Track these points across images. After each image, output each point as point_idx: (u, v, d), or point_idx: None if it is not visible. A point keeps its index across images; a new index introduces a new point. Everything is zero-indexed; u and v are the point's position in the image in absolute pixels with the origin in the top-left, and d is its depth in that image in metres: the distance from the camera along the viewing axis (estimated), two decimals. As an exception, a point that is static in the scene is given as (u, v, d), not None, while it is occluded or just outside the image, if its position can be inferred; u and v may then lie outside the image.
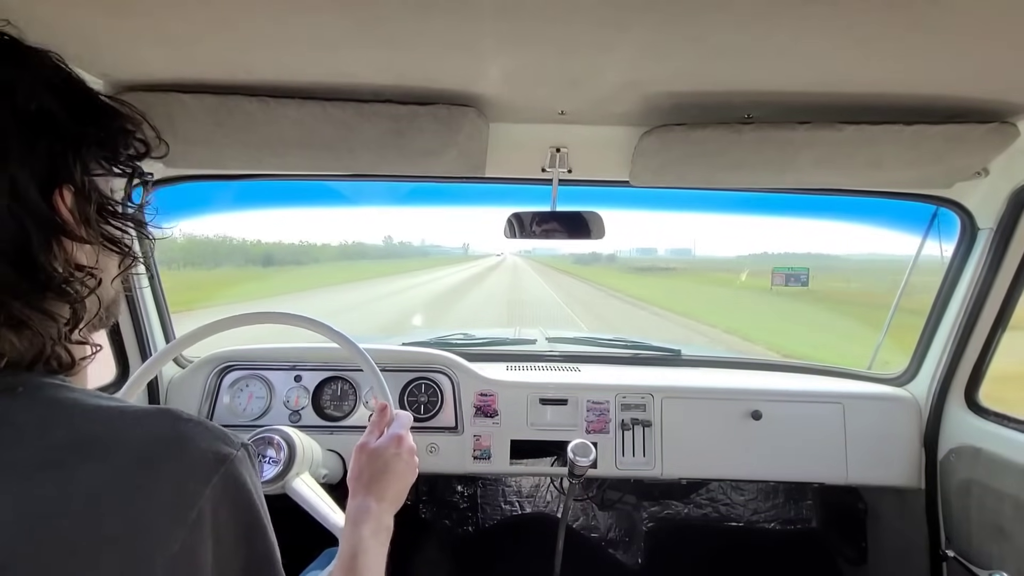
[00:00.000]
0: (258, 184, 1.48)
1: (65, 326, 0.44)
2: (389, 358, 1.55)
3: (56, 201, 0.43)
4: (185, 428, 0.43)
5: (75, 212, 0.44)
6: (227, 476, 0.43)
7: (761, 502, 2.04)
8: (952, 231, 1.41)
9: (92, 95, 0.47)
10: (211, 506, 0.41)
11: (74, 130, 0.44)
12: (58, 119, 0.43)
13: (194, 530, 0.40)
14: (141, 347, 1.45)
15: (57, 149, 0.43)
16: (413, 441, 0.85)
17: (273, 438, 1.07)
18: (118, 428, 0.42)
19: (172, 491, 0.40)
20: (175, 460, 0.41)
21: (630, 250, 70.89)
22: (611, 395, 1.53)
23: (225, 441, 0.45)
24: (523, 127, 1.20)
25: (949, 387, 1.44)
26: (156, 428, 0.43)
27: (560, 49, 0.84)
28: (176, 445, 0.42)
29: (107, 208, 0.48)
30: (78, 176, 0.44)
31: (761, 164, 1.17)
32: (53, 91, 0.43)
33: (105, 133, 0.47)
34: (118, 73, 0.95)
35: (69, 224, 0.44)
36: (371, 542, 0.69)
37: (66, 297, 0.44)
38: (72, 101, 0.45)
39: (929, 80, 0.92)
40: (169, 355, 1.11)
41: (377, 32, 0.79)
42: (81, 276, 0.45)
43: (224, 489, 0.43)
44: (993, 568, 1.25)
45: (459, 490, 2.10)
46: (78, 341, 0.47)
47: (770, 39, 0.79)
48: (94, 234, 0.46)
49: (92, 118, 0.46)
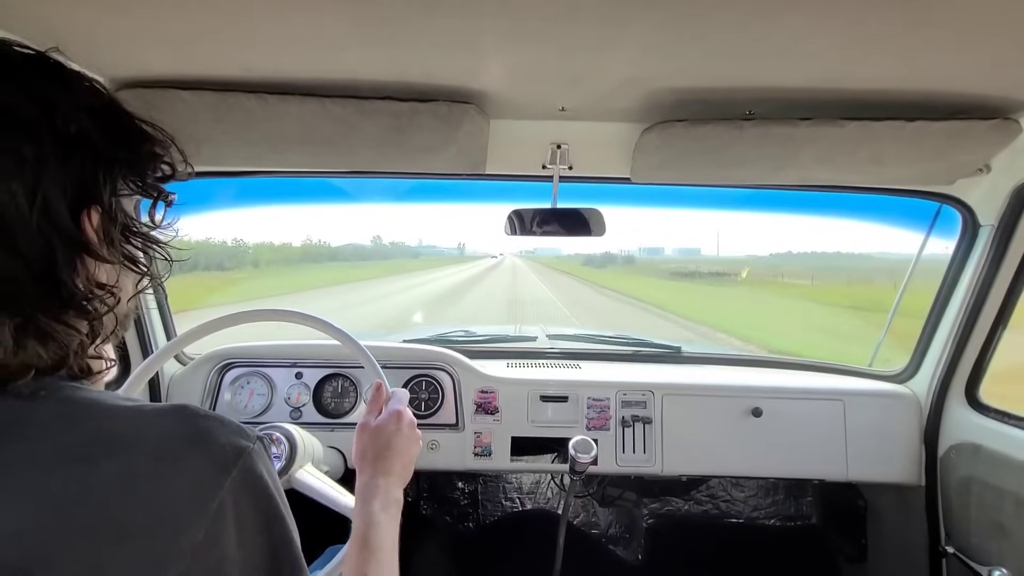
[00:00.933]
0: (257, 181, 1.48)
1: (85, 339, 0.46)
2: (390, 355, 1.55)
3: (83, 221, 0.44)
4: (203, 424, 0.45)
5: (100, 232, 0.46)
6: (245, 468, 0.45)
7: (761, 499, 2.04)
8: (953, 228, 1.40)
9: (127, 119, 0.49)
10: (232, 497, 0.43)
11: (108, 153, 0.46)
12: (94, 142, 0.44)
13: (216, 520, 0.41)
14: (142, 344, 1.46)
15: (89, 170, 0.44)
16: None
17: (274, 434, 1.07)
18: (138, 425, 0.43)
19: (193, 483, 0.42)
20: (195, 454, 0.43)
21: (668, 250, 67.62)
22: (612, 392, 1.53)
23: (242, 435, 0.46)
24: (524, 123, 1.20)
25: (950, 384, 1.44)
26: (175, 424, 0.44)
27: (561, 46, 0.84)
28: (195, 440, 0.44)
29: (131, 228, 0.49)
30: (106, 197, 0.45)
31: (762, 160, 1.17)
32: (92, 115, 0.45)
33: (136, 156, 0.49)
34: (118, 70, 0.95)
35: (93, 244, 0.45)
36: (382, 516, 0.72)
37: (86, 314, 0.45)
38: (109, 125, 0.46)
39: (931, 76, 0.91)
40: (170, 352, 1.11)
41: (377, 29, 0.79)
42: (101, 294, 0.46)
43: (243, 481, 0.44)
44: (993, 564, 1.25)
45: (460, 487, 2.11)
46: (94, 356, 0.48)
47: (772, 36, 0.78)
48: (116, 254, 0.48)
49: (125, 141, 0.48)
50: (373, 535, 0.69)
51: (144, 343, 1.46)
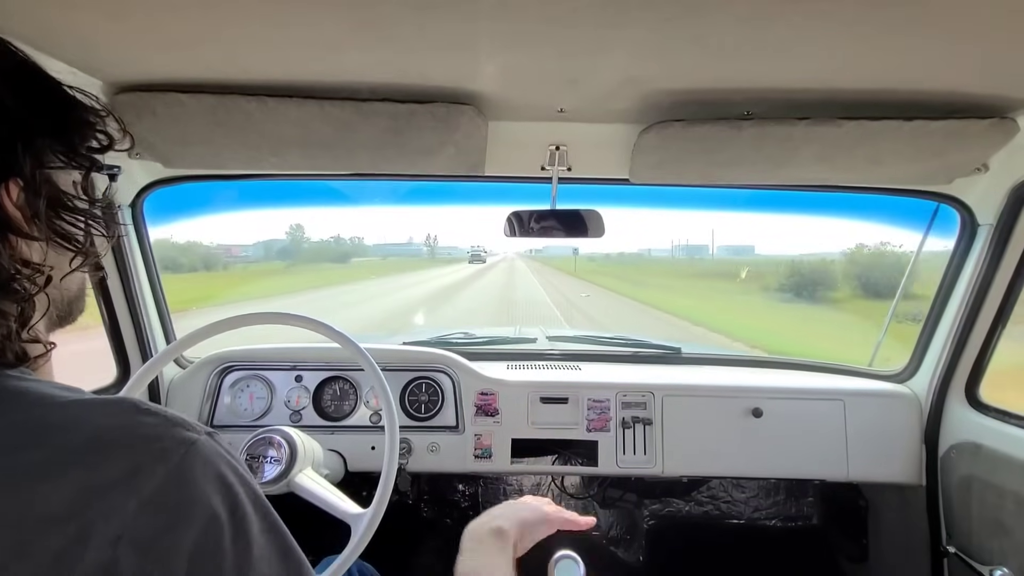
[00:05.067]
0: (256, 184, 1.48)
1: (15, 323, 0.43)
2: (389, 357, 1.55)
3: (1, 195, 0.41)
4: (144, 416, 0.42)
5: (23, 207, 0.42)
6: (193, 456, 0.41)
7: (762, 499, 2.04)
8: (952, 227, 1.40)
9: (48, 84, 0.45)
10: (172, 487, 0.39)
11: (25, 120, 0.42)
12: (7, 107, 0.41)
13: (150, 510, 0.38)
14: (142, 348, 1.45)
15: (5, 140, 0.41)
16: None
17: (274, 438, 1.07)
18: (74, 415, 0.41)
19: (125, 470, 0.39)
20: (131, 442, 0.40)
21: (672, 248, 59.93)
22: (612, 393, 1.53)
23: (187, 427, 0.43)
24: (522, 125, 1.20)
25: (949, 383, 1.44)
26: (114, 415, 0.41)
27: (559, 48, 0.84)
28: (133, 430, 0.41)
29: (61, 203, 0.46)
30: (27, 169, 0.42)
31: (761, 160, 1.17)
32: (3, 78, 0.41)
33: (61, 124, 0.45)
34: (116, 73, 0.95)
35: (15, 219, 0.42)
36: None
37: (13, 295, 0.42)
38: (25, 89, 0.43)
39: (929, 76, 0.91)
40: (170, 356, 1.11)
41: (375, 31, 0.79)
42: (28, 273, 0.43)
43: (190, 468, 0.41)
44: (994, 564, 1.25)
45: (460, 489, 2.10)
46: (30, 340, 0.45)
47: (769, 35, 0.79)
48: (44, 230, 0.44)
49: (47, 108, 0.44)
50: None
51: (143, 346, 1.45)
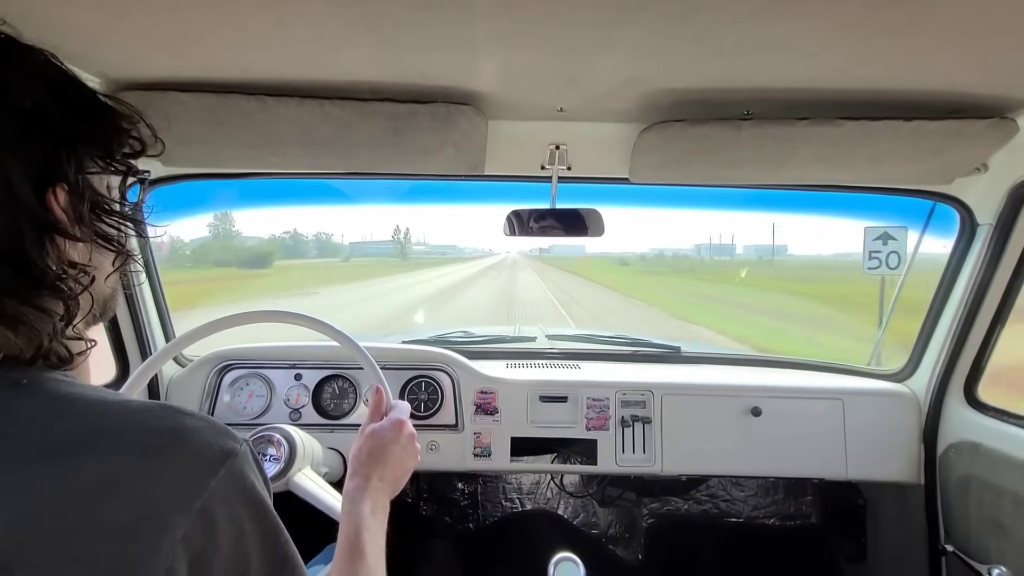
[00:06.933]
0: (256, 183, 1.48)
1: (60, 322, 0.45)
2: (389, 356, 1.55)
3: (49, 199, 0.43)
4: (189, 422, 0.44)
5: (68, 210, 0.45)
6: (233, 469, 0.44)
7: (761, 498, 2.04)
8: (951, 227, 1.41)
9: (87, 93, 0.48)
10: (219, 497, 0.42)
11: (69, 128, 0.44)
12: (53, 117, 0.43)
13: (200, 518, 0.40)
14: (141, 346, 1.45)
15: (51, 147, 0.43)
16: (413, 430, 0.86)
17: (273, 436, 1.07)
18: (121, 421, 0.42)
19: (177, 480, 0.41)
20: (180, 451, 0.42)
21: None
22: (611, 392, 1.53)
23: (229, 436, 0.46)
24: (522, 124, 1.20)
25: (948, 383, 1.44)
26: (160, 421, 0.43)
27: (558, 47, 0.84)
28: (181, 437, 0.43)
29: (101, 206, 0.48)
30: (72, 174, 0.44)
31: (760, 160, 1.17)
32: (48, 89, 0.44)
33: (100, 131, 0.48)
34: (116, 72, 0.95)
35: (62, 222, 0.44)
36: (372, 520, 0.71)
37: (60, 294, 0.44)
38: (67, 99, 0.45)
39: (928, 76, 0.92)
40: (169, 354, 1.11)
41: (375, 31, 0.79)
42: (74, 273, 0.45)
43: (232, 481, 0.43)
44: (992, 563, 1.25)
45: (460, 487, 2.11)
46: (73, 337, 0.47)
47: (769, 35, 0.79)
48: (87, 232, 0.47)
49: (87, 116, 0.47)
50: (363, 539, 0.68)
51: (142, 344, 1.45)
